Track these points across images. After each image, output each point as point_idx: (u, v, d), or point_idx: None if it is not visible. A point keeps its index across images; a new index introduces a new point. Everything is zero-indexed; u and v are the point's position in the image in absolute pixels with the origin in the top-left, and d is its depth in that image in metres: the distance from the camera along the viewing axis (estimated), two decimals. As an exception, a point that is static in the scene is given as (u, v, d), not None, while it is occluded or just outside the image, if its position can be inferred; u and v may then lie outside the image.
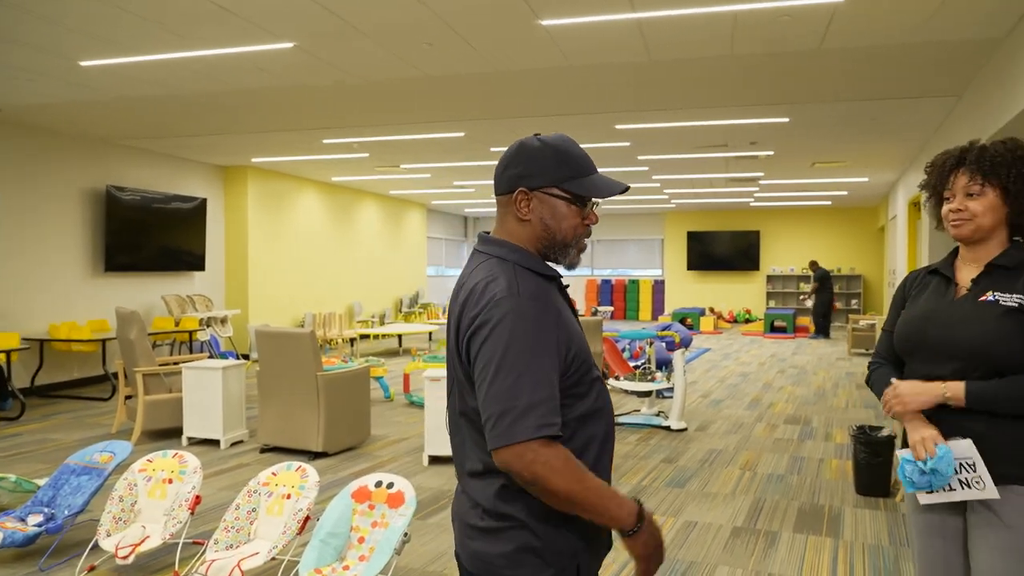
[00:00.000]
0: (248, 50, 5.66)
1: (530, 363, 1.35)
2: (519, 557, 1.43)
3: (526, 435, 1.31)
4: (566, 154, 1.50)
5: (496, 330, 1.37)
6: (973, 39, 5.32)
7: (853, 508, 4.54)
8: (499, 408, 1.33)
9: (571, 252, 1.55)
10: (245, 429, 6.30)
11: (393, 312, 16.80)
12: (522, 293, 1.40)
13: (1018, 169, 1.83)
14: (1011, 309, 1.80)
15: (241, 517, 3.41)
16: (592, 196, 1.52)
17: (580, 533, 1.45)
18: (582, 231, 1.54)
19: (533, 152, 1.50)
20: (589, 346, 1.56)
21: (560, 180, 1.49)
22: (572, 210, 1.51)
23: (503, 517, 1.44)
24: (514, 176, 1.51)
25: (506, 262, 1.48)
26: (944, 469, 1.82)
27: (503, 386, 1.34)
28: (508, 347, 1.36)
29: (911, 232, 11.17)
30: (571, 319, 1.51)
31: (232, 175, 12.02)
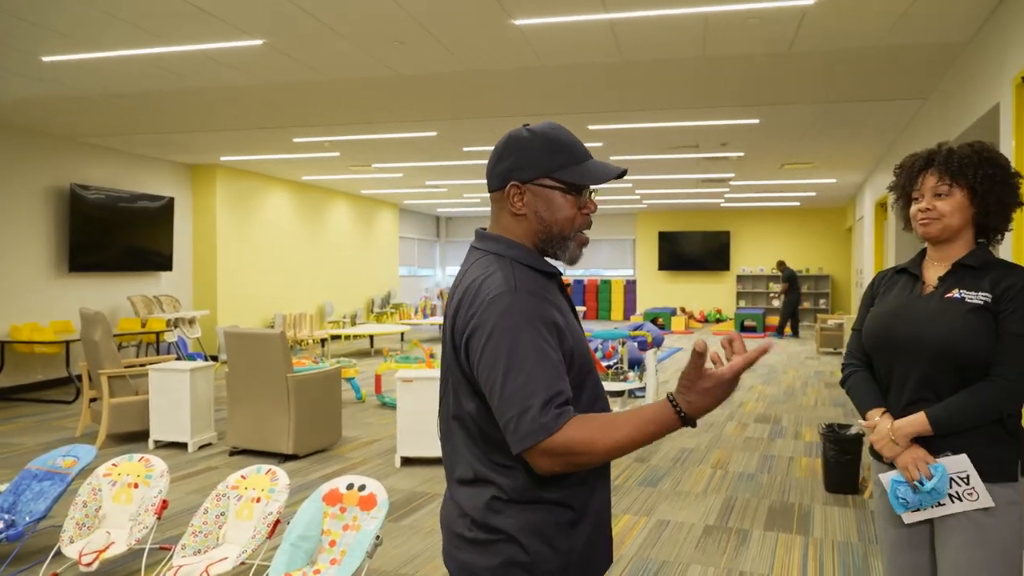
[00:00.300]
0: (217, 47, 5.58)
1: (537, 358, 1.30)
2: (506, 571, 1.39)
3: (550, 429, 1.27)
4: (557, 142, 1.45)
5: (497, 329, 1.32)
6: (938, 43, 5.41)
7: (823, 506, 4.59)
8: (517, 409, 1.28)
9: (570, 245, 1.49)
10: (214, 432, 6.21)
11: (365, 312, 16.68)
12: (519, 288, 1.36)
13: (984, 171, 1.87)
14: (976, 307, 1.83)
15: (209, 521, 3.35)
16: (587, 183, 1.45)
17: (571, 551, 1.41)
18: (581, 221, 1.48)
19: (522, 143, 1.45)
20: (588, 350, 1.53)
21: (552, 170, 1.44)
22: (568, 200, 1.46)
23: (492, 530, 1.40)
24: (505, 170, 1.46)
25: (503, 258, 1.43)
26: (941, 487, 1.84)
27: (515, 386, 1.29)
28: (513, 346, 1.31)
29: (878, 233, 11.35)
30: (569, 316, 1.47)
31: (200, 174, 11.85)
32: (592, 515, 1.44)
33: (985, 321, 1.82)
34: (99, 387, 6.18)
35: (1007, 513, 1.82)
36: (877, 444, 1.96)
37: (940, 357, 1.85)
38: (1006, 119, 4.40)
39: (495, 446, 1.40)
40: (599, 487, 1.47)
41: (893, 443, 1.91)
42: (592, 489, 1.45)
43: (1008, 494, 1.82)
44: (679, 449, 6.01)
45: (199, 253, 11.88)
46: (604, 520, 1.50)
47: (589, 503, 1.44)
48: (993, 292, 1.84)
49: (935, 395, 1.88)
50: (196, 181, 11.87)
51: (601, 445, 1.27)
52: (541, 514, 1.39)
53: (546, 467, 1.30)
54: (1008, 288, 1.82)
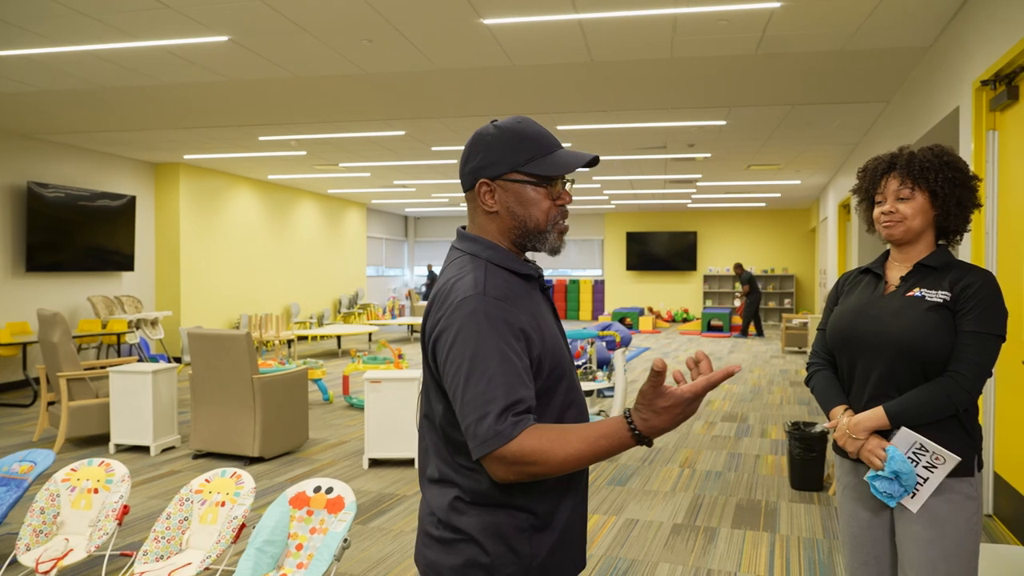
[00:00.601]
0: (181, 43, 5.48)
1: (500, 364, 1.29)
2: (467, 571, 1.39)
3: (506, 437, 1.25)
4: (523, 135, 1.43)
5: (462, 333, 1.31)
6: (900, 47, 5.50)
7: (788, 503, 4.64)
8: (476, 415, 1.27)
9: (549, 237, 1.46)
10: (177, 435, 6.10)
11: (332, 313, 16.54)
12: (488, 292, 1.34)
13: (945, 174, 1.92)
14: (937, 304, 1.88)
15: (172, 526, 3.28)
16: (555, 174, 1.43)
17: (533, 557, 1.40)
18: (556, 213, 1.46)
19: (489, 140, 1.43)
20: (570, 353, 1.51)
21: (519, 164, 1.42)
22: (540, 193, 1.44)
23: (455, 530, 1.40)
24: (473, 168, 1.44)
25: (478, 259, 1.42)
26: (903, 466, 1.86)
27: (476, 391, 1.28)
28: (476, 351, 1.29)
29: (841, 233, 11.54)
30: (546, 319, 1.45)
31: (163, 172, 11.64)
32: (559, 525, 1.43)
33: (944, 319, 1.87)
34: (57, 390, 6.03)
35: (964, 507, 1.87)
36: (839, 439, 2.01)
37: (901, 354, 1.90)
38: (965, 122, 4.49)
39: (458, 448, 1.39)
40: (569, 498, 1.46)
41: (853, 438, 1.95)
42: (560, 498, 1.43)
43: (965, 488, 1.87)
44: (647, 449, 6.03)
45: (162, 253, 11.66)
46: (574, 532, 1.48)
47: (556, 512, 1.43)
48: (952, 291, 1.89)
49: (897, 391, 1.93)
50: (159, 179, 11.66)
51: (554, 457, 1.26)
52: (502, 517, 1.38)
53: (501, 475, 1.29)
54: (966, 288, 1.87)
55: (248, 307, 13.38)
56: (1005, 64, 3.80)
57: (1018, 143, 3.81)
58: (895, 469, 1.86)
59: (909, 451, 1.87)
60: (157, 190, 11.66)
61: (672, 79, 6.49)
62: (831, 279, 12.42)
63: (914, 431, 1.88)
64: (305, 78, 6.48)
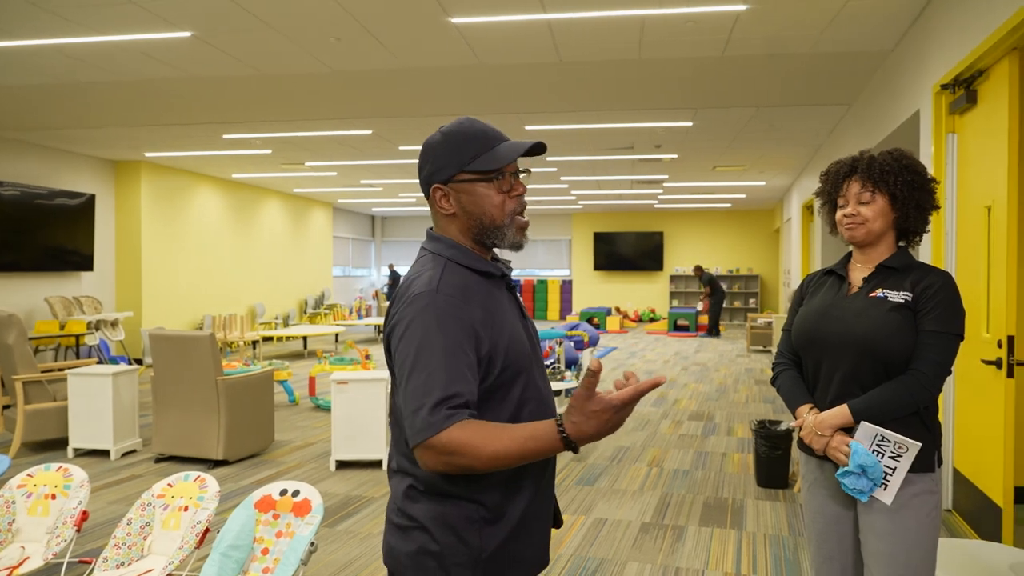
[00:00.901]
0: (143, 38, 5.37)
1: (444, 359, 1.33)
2: (420, 559, 1.44)
3: (437, 428, 1.30)
4: (465, 135, 1.48)
5: (411, 327, 1.37)
6: (863, 51, 5.60)
7: (755, 500, 4.69)
8: (414, 405, 1.33)
9: (507, 232, 1.50)
10: (138, 438, 5.97)
11: (298, 313, 16.36)
12: (440, 289, 1.39)
13: (904, 177, 1.97)
14: (898, 305, 1.93)
15: (134, 532, 3.20)
16: (500, 166, 1.47)
17: (483, 548, 1.43)
18: (512, 205, 1.50)
19: (435, 147, 1.49)
20: (536, 353, 1.54)
21: (465, 163, 1.47)
22: (490, 188, 1.48)
23: (409, 518, 1.46)
24: (426, 176, 1.51)
25: (440, 258, 1.48)
26: (867, 459, 1.89)
27: (417, 383, 1.33)
28: (422, 345, 1.35)
29: (804, 234, 11.71)
30: (506, 317, 1.48)
31: (124, 170, 11.40)
32: (511, 520, 1.46)
33: (906, 319, 1.91)
34: (13, 393, 5.87)
35: (924, 502, 1.91)
36: (806, 437, 2.03)
37: (864, 353, 1.94)
38: (926, 125, 4.58)
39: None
40: (526, 492, 1.48)
41: (819, 435, 1.97)
42: (511, 493, 1.46)
43: (926, 483, 1.92)
44: (615, 448, 6.06)
45: (122, 253, 11.43)
46: (530, 526, 1.50)
47: (508, 506, 1.46)
48: (913, 291, 1.94)
49: (860, 390, 1.96)
50: (119, 177, 11.42)
51: (482, 451, 1.29)
52: (451, 508, 1.43)
53: (431, 464, 1.33)
54: (926, 288, 1.92)
55: (212, 308, 13.18)
56: (964, 68, 3.88)
57: (976, 146, 3.90)
58: (860, 463, 1.89)
59: (872, 444, 1.91)
60: (117, 188, 11.42)
61: (640, 80, 6.53)
62: (795, 279, 12.61)
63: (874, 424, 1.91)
64: (271, 75, 6.39)
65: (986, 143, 3.73)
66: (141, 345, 11.09)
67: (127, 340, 11.20)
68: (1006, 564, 2.50)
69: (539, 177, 13.00)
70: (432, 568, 1.43)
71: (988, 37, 3.52)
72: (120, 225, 11.42)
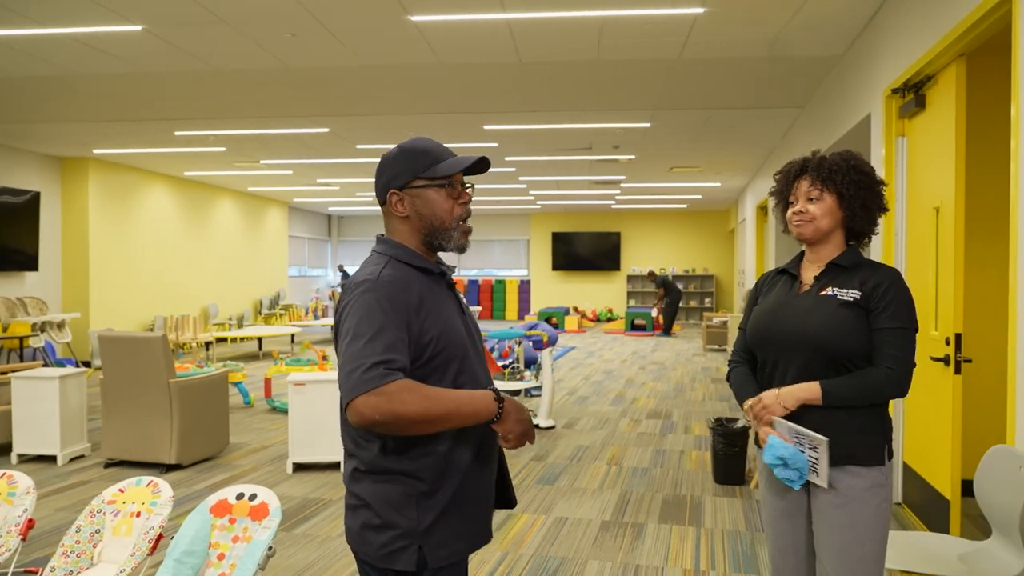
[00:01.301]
0: (91, 31, 5.21)
1: (381, 330, 1.51)
2: (364, 534, 1.62)
3: (374, 383, 1.45)
4: (420, 149, 1.69)
5: (354, 308, 1.56)
6: (816, 56, 5.72)
7: (712, 497, 4.75)
8: (350, 366, 1.48)
9: (454, 234, 1.71)
10: (87, 443, 5.80)
11: (252, 314, 16.09)
12: (380, 278, 1.58)
13: (851, 177, 2.03)
14: (847, 303, 1.98)
15: (83, 540, 3.11)
16: (450, 173, 1.67)
17: (420, 521, 1.59)
18: (459, 212, 1.71)
19: (393, 158, 1.70)
20: (475, 345, 1.71)
21: (420, 171, 1.67)
22: (441, 194, 1.68)
23: (356, 496, 1.65)
24: (384, 183, 1.70)
25: (384, 256, 1.67)
26: (786, 452, 1.94)
27: (355, 348, 1.50)
28: (361, 319, 1.53)
29: (759, 235, 11.92)
30: (443, 308, 1.66)
31: (71, 167, 11.08)
32: (448, 492, 1.62)
33: (856, 316, 1.96)
34: (-47, 397, 5.66)
35: (875, 495, 1.96)
36: (757, 410, 2.03)
37: (815, 350, 1.98)
38: (876, 129, 4.69)
39: None
40: (461, 469, 1.63)
41: (781, 407, 2.00)
42: (450, 470, 1.62)
43: (876, 476, 1.97)
44: (575, 447, 6.09)
45: (69, 252, 11.10)
46: (467, 501, 1.65)
47: (444, 482, 1.61)
48: (862, 290, 1.98)
49: None
50: (66, 175, 11.09)
51: (413, 404, 1.46)
52: (390, 485, 1.60)
53: (368, 414, 1.45)
54: (876, 287, 1.97)
55: (163, 308, 12.89)
56: (914, 73, 3.98)
57: (925, 149, 4.00)
58: (778, 455, 1.94)
59: (792, 437, 1.96)
60: (64, 186, 11.09)
61: (599, 81, 6.57)
62: (750, 279, 12.82)
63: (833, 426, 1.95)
64: (224, 71, 6.27)
65: (934, 146, 3.84)
66: (89, 347, 10.78)
67: (74, 342, 10.89)
68: (955, 555, 2.57)
69: (498, 177, 13.00)
70: (376, 541, 1.59)
71: (936, 43, 3.62)
72: (67, 223, 11.09)
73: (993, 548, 2.55)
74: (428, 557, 1.59)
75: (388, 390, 1.45)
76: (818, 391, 1.96)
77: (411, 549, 1.58)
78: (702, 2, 4.66)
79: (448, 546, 1.61)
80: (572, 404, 8.03)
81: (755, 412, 2.04)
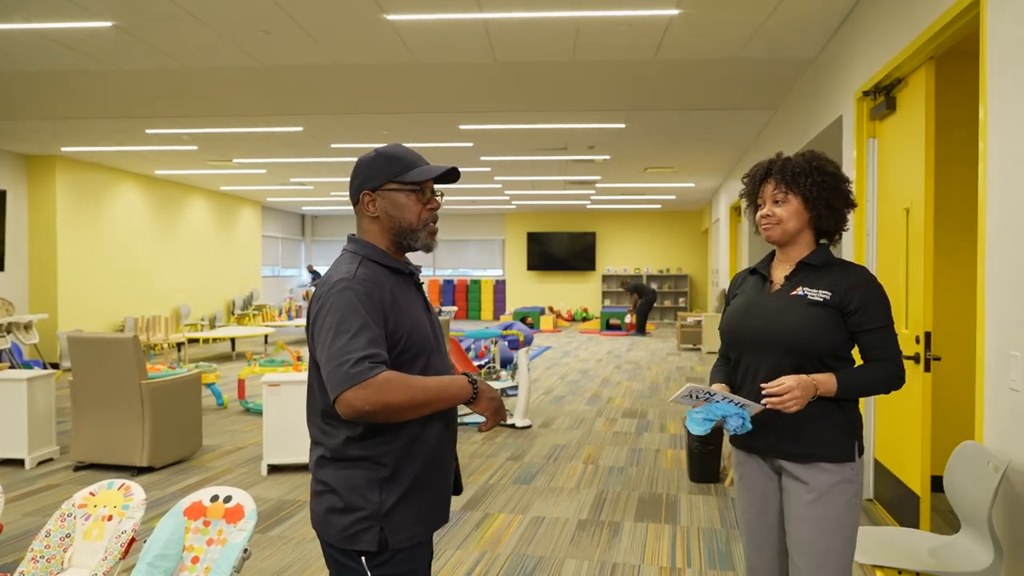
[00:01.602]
0: (59, 27, 5.12)
1: (361, 326, 1.60)
2: (329, 517, 1.70)
3: (362, 377, 1.54)
4: (394, 155, 1.78)
5: (333, 306, 1.63)
6: (789, 58, 5.78)
7: (688, 495, 4.79)
8: (337, 361, 1.57)
9: (420, 235, 1.79)
10: (55, 446, 5.70)
11: (225, 314, 15.91)
12: (357, 277, 1.66)
13: (814, 178, 2.04)
14: (817, 302, 2.00)
15: (53, 545, 3.05)
16: (421, 179, 1.76)
17: (382, 503, 1.67)
18: (426, 215, 1.80)
19: (368, 161, 1.78)
20: (440, 344, 1.80)
21: (393, 175, 1.76)
22: (411, 198, 1.77)
23: (321, 482, 1.73)
24: (358, 185, 1.79)
25: (356, 255, 1.75)
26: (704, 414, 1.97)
27: (339, 344, 1.58)
28: (343, 317, 1.61)
29: (732, 235, 12.03)
30: (412, 307, 1.75)
31: (38, 165, 10.88)
32: (409, 477, 1.71)
33: (827, 316, 1.99)
34: (-83, 400, 5.53)
35: (844, 491, 1.99)
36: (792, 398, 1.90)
37: (785, 348, 2.01)
38: (848, 130, 4.76)
39: (324, 412, 1.71)
40: (422, 455, 1.73)
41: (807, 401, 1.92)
42: (411, 456, 1.71)
43: (846, 472, 2.00)
44: (552, 446, 6.10)
45: (36, 252, 10.90)
46: (427, 486, 1.75)
47: (406, 468, 1.70)
48: (834, 291, 2.00)
49: None
50: (33, 173, 10.89)
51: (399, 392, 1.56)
52: (354, 471, 1.69)
53: (359, 406, 1.54)
54: (851, 289, 1.99)
55: (134, 309, 12.70)
56: (884, 76, 4.05)
57: (895, 151, 4.07)
58: (704, 418, 1.95)
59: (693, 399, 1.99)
60: (31, 184, 10.88)
61: (574, 81, 6.59)
62: (723, 279, 12.94)
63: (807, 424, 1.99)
64: (197, 69, 6.20)
65: (904, 148, 3.90)
66: (58, 348, 10.60)
67: (42, 344, 10.69)
68: (925, 549, 2.62)
69: (473, 177, 12.98)
70: (339, 523, 1.68)
71: (906, 47, 3.68)
72: (34, 223, 10.89)
73: (962, 542, 2.60)
74: (389, 539, 1.68)
75: (376, 382, 1.54)
76: (835, 385, 1.96)
77: (373, 530, 1.67)
78: (677, 4, 4.70)
79: (408, 529, 1.71)
80: (548, 403, 8.05)
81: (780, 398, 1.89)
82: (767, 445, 2.07)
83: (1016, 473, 2.56)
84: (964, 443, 2.71)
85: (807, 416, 1.98)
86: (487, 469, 5.41)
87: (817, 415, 1.99)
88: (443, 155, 10.57)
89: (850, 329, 2.00)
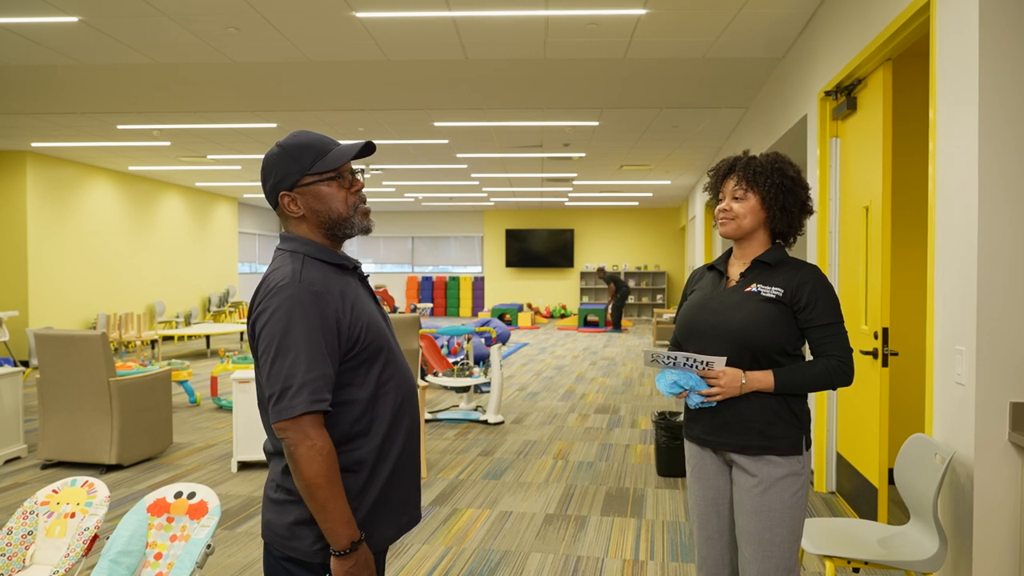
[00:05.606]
0: (24, 21, 5.08)
1: (305, 345, 1.50)
2: (295, 529, 1.59)
3: (301, 409, 1.47)
4: (301, 145, 1.63)
5: (276, 315, 1.52)
6: (756, 57, 5.85)
7: (655, 489, 4.85)
8: (279, 387, 1.49)
9: (354, 222, 1.68)
10: (23, 444, 5.66)
11: (201, 311, 15.80)
12: (303, 280, 1.55)
13: (774, 179, 2.10)
14: (769, 299, 2.06)
15: (14, 542, 3.05)
16: (337, 167, 1.63)
17: (355, 509, 1.59)
18: (353, 199, 1.68)
19: (276, 159, 1.64)
20: (393, 335, 1.72)
21: (307, 168, 1.62)
22: (333, 187, 1.65)
23: (287, 492, 1.61)
24: (272, 187, 1.65)
25: (297, 254, 1.63)
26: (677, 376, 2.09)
27: (281, 366, 1.49)
28: (286, 331, 1.50)
29: (708, 232, 12.13)
30: (365, 304, 1.67)
31: (7, 160, 10.75)
32: (379, 484, 1.64)
33: (778, 312, 2.05)
34: None
35: (791, 484, 2.06)
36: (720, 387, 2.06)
37: (738, 343, 2.06)
38: (812, 129, 4.84)
39: None
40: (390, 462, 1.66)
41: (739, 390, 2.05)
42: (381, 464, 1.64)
43: (793, 465, 2.06)
44: (523, 442, 6.14)
45: (6, 248, 10.77)
46: (396, 490, 1.68)
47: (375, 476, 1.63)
48: (786, 288, 2.07)
49: None
50: (2, 168, 10.75)
51: (317, 465, 1.48)
52: None
53: (288, 442, 1.49)
54: (800, 285, 2.05)
55: (106, 306, 12.58)
56: (845, 76, 4.12)
57: (856, 150, 4.14)
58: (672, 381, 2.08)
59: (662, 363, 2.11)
60: (0, 180, 10.74)
61: (546, 79, 6.62)
62: (698, 275, 13.03)
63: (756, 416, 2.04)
64: (166, 64, 6.16)
65: (864, 147, 3.98)
66: (27, 346, 10.47)
67: (12, 341, 10.57)
68: (875, 539, 2.69)
69: (450, 173, 12.99)
70: (308, 536, 1.58)
71: (865, 48, 3.75)
72: (3, 219, 10.76)
73: (910, 532, 2.67)
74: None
75: (314, 435, 1.49)
76: (772, 381, 2.03)
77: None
78: (644, 4, 4.75)
79: (379, 533, 1.66)
80: (522, 400, 8.09)
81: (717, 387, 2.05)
82: (718, 439, 2.13)
83: (961, 464, 2.63)
84: (914, 436, 2.78)
85: (756, 410, 2.04)
86: (458, 465, 5.44)
87: (766, 409, 2.04)
88: (419, 152, 10.57)
89: (800, 325, 2.05)
